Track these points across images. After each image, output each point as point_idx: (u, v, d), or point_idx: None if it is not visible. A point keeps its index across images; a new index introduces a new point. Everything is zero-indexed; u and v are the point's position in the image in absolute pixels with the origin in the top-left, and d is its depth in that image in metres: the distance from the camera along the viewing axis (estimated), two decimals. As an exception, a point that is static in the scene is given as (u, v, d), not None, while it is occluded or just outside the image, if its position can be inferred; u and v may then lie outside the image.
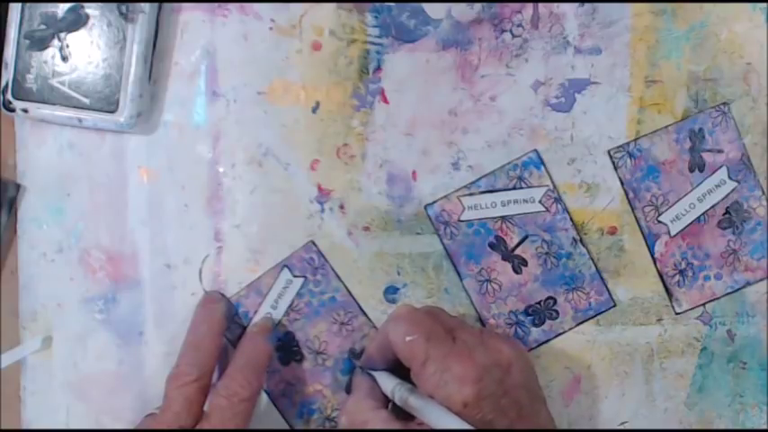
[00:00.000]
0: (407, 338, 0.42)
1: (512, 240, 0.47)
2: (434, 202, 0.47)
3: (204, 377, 0.42)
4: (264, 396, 0.47)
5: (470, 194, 0.47)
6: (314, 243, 0.47)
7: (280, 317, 0.47)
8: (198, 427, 0.42)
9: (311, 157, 0.46)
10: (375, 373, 0.44)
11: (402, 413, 0.42)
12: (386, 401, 0.43)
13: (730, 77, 0.47)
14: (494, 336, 0.44)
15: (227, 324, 0.46)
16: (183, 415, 0.42)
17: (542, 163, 0.47)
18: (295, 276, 0.47)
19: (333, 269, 0.47)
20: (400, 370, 0.43)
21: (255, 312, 0.47)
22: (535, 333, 0.48)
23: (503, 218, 0.47)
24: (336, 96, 0.46)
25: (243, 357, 0.44)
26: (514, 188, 0.47)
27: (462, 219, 0.47)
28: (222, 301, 0.46)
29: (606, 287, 0.47)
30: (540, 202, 0.47)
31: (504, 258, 0.47)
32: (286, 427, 0.47)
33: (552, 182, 0.47)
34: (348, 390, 0.47)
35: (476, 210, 0.47)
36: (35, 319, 0.47)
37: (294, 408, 0.47)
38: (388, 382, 0.43)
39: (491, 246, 0.47)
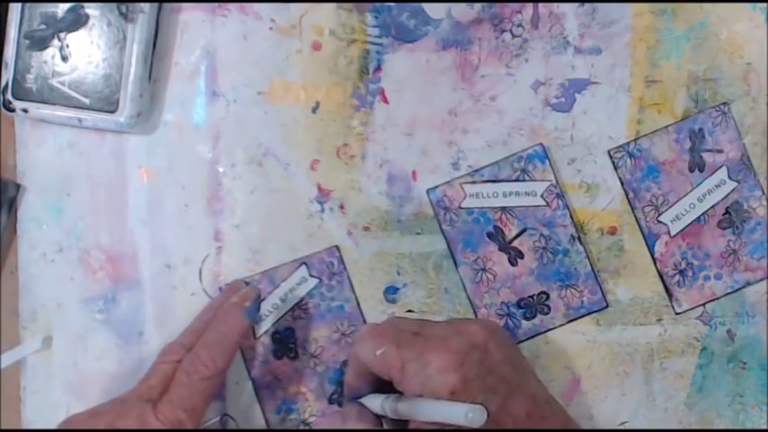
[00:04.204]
0: (378, 352, 0.41)
1: (510, 232, 0.47)
2: (436, 186, 0.47)
3: (219, 375, 0.41)
4: (249, 384, 0.47)
5: (473, 182, 0.47)
6: (338, 248, 0.46)
7: (285, 311, 0.47)
8: (159, 405, 0.40)
9: (311, 157, 0.46)
10: (362, 399, 0.44)
11: (398, 426, 0.42)
12: (378, 421, 0.43)
13: (730, 77, 0.47)
14: (462, 321, 0.44)
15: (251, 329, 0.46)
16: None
17: (547, 157, 0.47)
18: (311, 276, 0.47)
19: (349, 278, 0.47)
20: (385, 389, 0.43)
21: (264, 300, 0.46)
22: (525, 326, 0.47)
23: (503, 208, 0.47)
24: (336, 96, 0.46)
25: (214, 333, 0.42)
26: (517, 180, 0.47)
27: (463, 206, 0.47)
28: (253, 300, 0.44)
29: (600, 287, 0.47)
30: (541, 196, 0.47)
31: (500, 249, 0.47)
32: (261, 418, 0.47)
33: (556, 177, 0.47)
34: (331, 400, 0.47)
35: (477, 198, 0.47)
36: (35, 319, 0.47)
37: (274, 401, 0.47)
38: (374, 401, 0.43)
39: (489, 235, 0.47)
